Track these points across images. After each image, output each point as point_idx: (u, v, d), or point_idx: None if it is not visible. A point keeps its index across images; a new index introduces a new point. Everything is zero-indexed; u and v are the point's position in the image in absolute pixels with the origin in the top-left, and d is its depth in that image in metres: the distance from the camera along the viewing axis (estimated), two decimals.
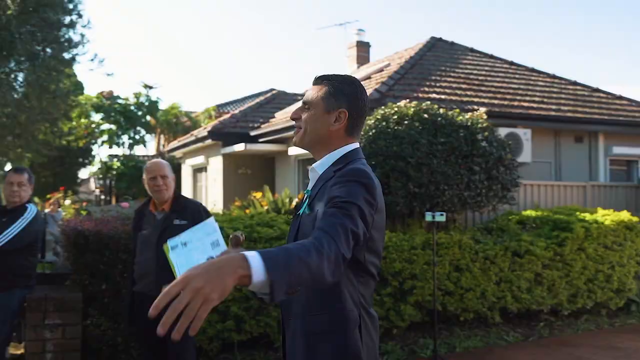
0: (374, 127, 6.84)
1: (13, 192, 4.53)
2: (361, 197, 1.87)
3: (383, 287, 6.14)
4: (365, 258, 1.97)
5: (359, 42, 17.09)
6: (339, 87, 2.10)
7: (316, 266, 1.61)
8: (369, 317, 2.02)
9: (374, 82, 11.18)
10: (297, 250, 1.61)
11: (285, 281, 1.52)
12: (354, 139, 2.13)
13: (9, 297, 4.44)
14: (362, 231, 1.83)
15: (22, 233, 4.39)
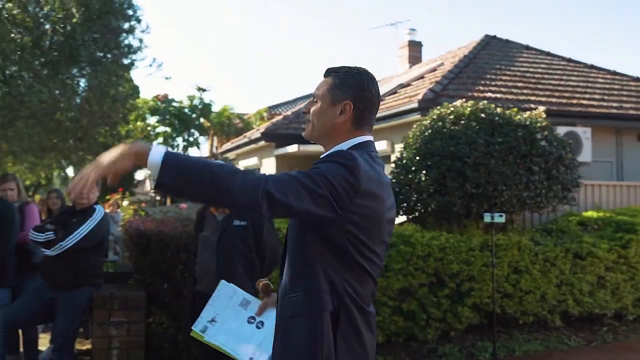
0: (430, 127, 6.79)
1: (82, 194, 4.70)
2: (336, 173, 1.84)
3: (440, 289, 6.08)
4: (349, 246, 1.90)
5: (411, 42, 16.96)
6: (345, 79, 2.07)
7: (224, 177, 1.71)
8: (358, 310, 1.95)
9: (428, 82, 11.08)
10: (215, 163, 1.77)
11: (176, 169, 1.70)
12: (363, 132, 2.08)
13: (78, 295, 4.61)
14: (328, 194, 1.80)
15: (90, 233, 4.55)
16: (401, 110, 9.76)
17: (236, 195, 1.73)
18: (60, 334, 4.59)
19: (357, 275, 1.96)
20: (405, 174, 6.88)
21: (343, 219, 1.87)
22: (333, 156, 1.92)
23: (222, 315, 2.74)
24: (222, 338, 2.67)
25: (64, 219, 4.78)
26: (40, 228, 4.73)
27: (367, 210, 1.91)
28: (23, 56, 5.68)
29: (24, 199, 5.69)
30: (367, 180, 1.89)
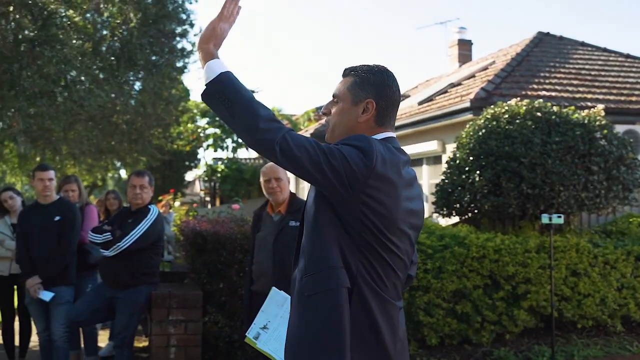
0: (484, 127, 6.68)
1: (136, 194, 4.82)
2: (351, 152, 1.86)
3: (495, 291, 5.98)
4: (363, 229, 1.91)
5: (461, 41, 16.72)
6: (366, 77, 2.08)
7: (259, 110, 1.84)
8: (373, 294, 1.93)
9: (479, 81, 10.91)
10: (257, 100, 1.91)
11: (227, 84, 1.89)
12: (385, 129, 2.10)
13: (136, 293, 4.72)
14: (341, 167, 1.83)
15: (146, 233, 4.66)
16: (452, 110, 9.63)
17: (259, 130, 1.82)
18: (120, 331, 4.72)
19: (373, 260, 1.94)
20: (458, 174, 6.80)
21: (356, 199, 1.87)
22: (349, 139, 1.95)
23: (273, 323, 2.77)
24: (274, 346, 2.70)
25: (120, 219, 4.90)
26: (98, 229, 4.86)
27: (381, 195, 1.90)
28: (83, 61, 5.86)
29: (84, 200, 5.86)
30: (382, 164, 1.89)
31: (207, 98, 1.93)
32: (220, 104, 1.89)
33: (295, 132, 1.88)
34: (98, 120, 8.08)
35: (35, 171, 5.06)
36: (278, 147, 1.80)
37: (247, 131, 1.85)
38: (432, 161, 11.46)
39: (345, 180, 1.84)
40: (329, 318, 1.88)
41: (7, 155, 9.96)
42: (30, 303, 5.01)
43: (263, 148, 1.85)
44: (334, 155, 1.84)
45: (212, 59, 1.95)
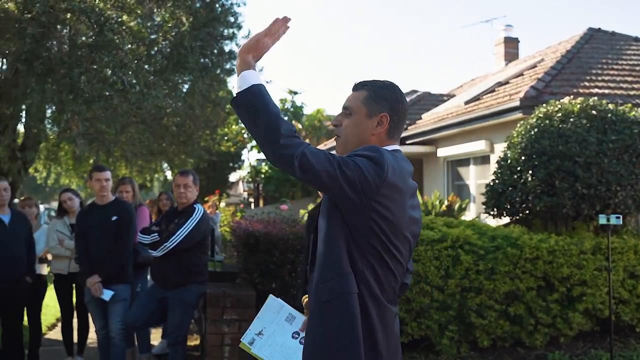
0: (536, 126, 6.56)
1: (180, 193, 4.90)
2: (365, 162, 1.96)
3: (549, 293, 5.87)
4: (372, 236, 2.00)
5: (507, 38, 16.45)
6: (380, 92, 2.19)
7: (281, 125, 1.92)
8: (372, 299, 2.02)
9: (528, 79, 10.73)
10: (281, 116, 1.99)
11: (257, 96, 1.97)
12: (394, 142, 2.21)
13: (186, 292, 4.79)
14: (356, 176, 1.92)
15: (192, 233, 4.72)
16: (501, 109, 9.49)
17: (280, 145, 1.91)
18: (173, 330, 4.80)
19: (377, 265, 2.03)
20: (509, 174, 6.69)
21: (368, 207, 1.97)
22: (361, 150, 2.04)
23: (268, 329, 2.82)
24: (268, 351, 2.76)
25: (167, 220, 4.98)
26: (146, 230, 4.96)
27: (391, 203, 2.00)
28: (139, 65, 6.00)
29: (137, 201, 6.00)
30: (392, 173, 1.99)
31: (236, 106, 2.01)
32: (247, 114, 1.98)
33: (314, 147, 1.96)
34: (149, 122, 8.24)
35: (92, 172, 5.20)
36: (297, 161, 1.89)
37: (268, 145, 1.94)
38: (479, 161, 11.32)
39: (360, 189, 1.94)
40: (344, 323, 1.99)
41: (62, 157, 10.27)
42: (89, 302, 5.15)
43: (283, 162, 1.94)
44: (349, 166, 1.93)
45: (248, 70, 2.04)
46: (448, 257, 5.62)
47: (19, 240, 5.32)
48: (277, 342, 2.78)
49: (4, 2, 5.42)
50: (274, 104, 1.99)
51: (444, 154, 12.09)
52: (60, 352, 6.18)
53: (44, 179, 12.09)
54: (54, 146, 9.63)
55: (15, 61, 5.78)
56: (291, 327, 2.78)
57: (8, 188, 5.35)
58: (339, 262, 2.02)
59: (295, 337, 2.71)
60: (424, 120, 13.47)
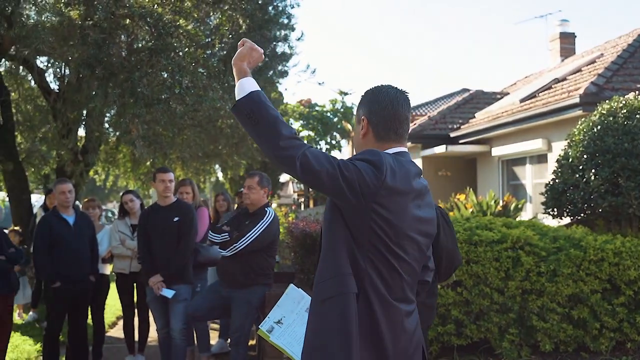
0: (599, 123, 6.35)
1: (244, 194, 4.95)
2: (364, 165, 2.00)
3: (615, 296, 5.66)
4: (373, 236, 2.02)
5: (563, 34, 16.02)
6: (362, 98, 2.26)
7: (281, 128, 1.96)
8: (378, 298, 2.04)
9: (587, 75, 10.42)
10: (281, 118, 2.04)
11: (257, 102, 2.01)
12: (389, 144, 2.20)
13: (251, 293, 4.83)
14: (355, 178, 1.95)
15: (261, 235, 4.75)
16: (560, 107, 9.25)
17: (281, 147, 1.95)
18: (235, 330, 4.84)
19: (380, 265, 2.06)
20: (571, 173, 6.51)
21: (368, 209, 2.00)
22: (362, 154, 2.09)
23: (288, 318, 2.80)
24: (287, 340, 2.73)
25: (238, 221, 5.03)
26: (218, 229, 5.02)
27: (390, 204, 2.02)
28: (196, 68, 6.10)
29: (197, 202, 6.09)
30: (392, 176, 2.02)
31: (237, 113, 2.06)
32: (247, 120, 2.03)
33: (315, 149, 2.02)
34: (205, 125, 8.37)
35: (156, 173, 5.31)
36: (299, 162, 1.94)
37: (270, 147, 1.98)
38: (535, 160, 11.06)
39: (359, 191, 1.97)
40: (338, 322, 2.02)
41: (120, 160, 10.55)
42: (151, 301, 5.25)
43: (284, 163, 1.98)
44: (348, 168, 1.98)
45: (245, 77, 2.10)
46: (508, 259, 5.49)
47: (83, 240, 5.48)
48: (297, 332, 2.75)
49: (67, 10, 5.59)
50: (273, 108, 2.05)
51: (498, 153, 11.86)
52: (122, 350, 6.33)
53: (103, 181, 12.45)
54: (113, 149, 9.90)
55: (79, 67, 5.95)
56: None
57: (72, 190, 5.51)
58: (338, 262, 2.06)
59: None
60: (477, 119, 13.25)
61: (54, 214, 5.43)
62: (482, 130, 12.00)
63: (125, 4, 5.84)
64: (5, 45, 6.72)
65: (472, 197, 9.65)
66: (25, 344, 6.64)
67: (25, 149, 9.14)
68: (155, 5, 5.95)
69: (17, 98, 8.84)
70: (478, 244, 5.48)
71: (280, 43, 8.51)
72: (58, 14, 5.78)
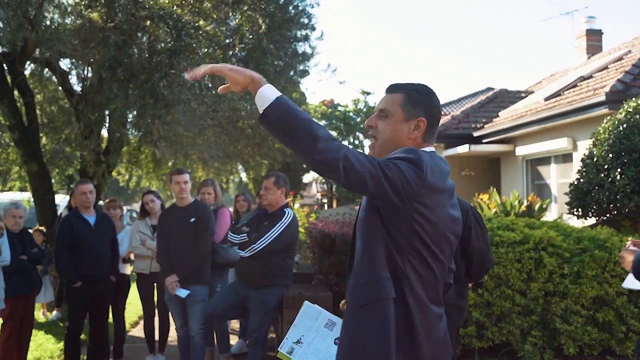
0: (625, 121, 6.21)
1: (261, 195, 4.93)
2: (405, 164, 1.93)
3: None
4: (413, 236, 1.97)
5: (589, 31, 15.74)
6: (417, 97, 2.16)
7: (318, 130, 1.87)
8: (416, 301, 1.99)
9: (614, 72, 10.21)
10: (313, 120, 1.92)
11: (285, 108, 1.90)
12: (429, 144, 2.17)
13: (269, 294, 4.82)
14: (397, 178, 1.89)
15: (280, 236, 4.74)
16: (585, 105, 9.08)
17: (320, 150, 1.85)
18: (253, 330, 4.83)
19: (419, 267, 2.01)
20: (596, 172, 6.37)
21: (410, 208, 1.94)
22: (399, 152, 2.02)
23: (307, 337, 2.69)
24: (309, 359, 2.64)
25: (257, 221, 5.02)
26: (237, 230, 5.02)
27: (432, 203, 1.98)
28: None
29: (219, 203, 6.10)
30: (432, 173, 1.96)
31: (266, 123, 1.95)
32: (279, 128, 1.93)
33: (353, 149, 1.93)
34: (225, 125, 8.39)
35: (172, 175, 5.33)
36: (341, 165, 1.86)
37: (308, 152, 1.88)
38: (560, 159, 10.88)
39: (402, 190, 1.91)
40: (376, 329, 1.98)
41: (143, 160, 10.64)
42: (169, 300, 5.27)
43: (326, 168, 1.89)
44: (390, 168, 1.91)
45: (263, 86, 1.98)
46: (530, 260, 5.40)
47: (104, 240, 5.53)
48: (319, 349, 2.66)
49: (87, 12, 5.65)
50: (302, 111, 1.96)
51: (522, 152, 11.70)
52: (143, 349, 6.37)
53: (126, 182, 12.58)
54: (135, 150, 9.98)
55: (100, 68, 6.01)
56: (332, 334, 2.65)
57: (93, 191, 5.55)
58: (376, 266, 2.01)
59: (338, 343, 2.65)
60: (501, 118, 13.09)
61: (75, 215, 5.49)
62: (506, 130, 11.85)
63: (145, 6, 5.88)
64: (29, 47, 6.82)
65: (496, 197, 9.52)
66: (49, 342, 6.72)
67: (50, 150, 9.27)
68: (174, 6, 5.98)
69: (42, 100, 8.97)
70: (500, 244, 5.40)
71: (300, 43, 8.48)
72: (79, 16, 5.84)
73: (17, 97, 7.90)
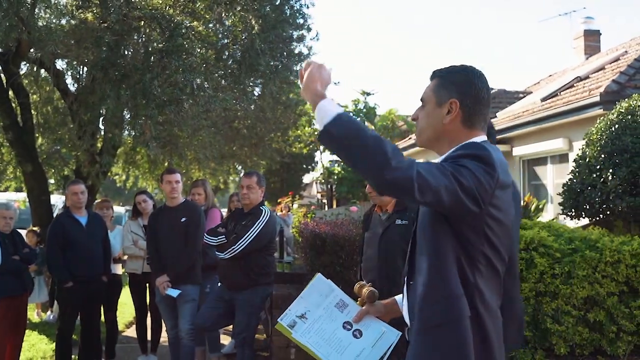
0: (617, 122, 6.21)
1: (243, 194, 4.92)
2: (476, 166, 1.77)
3: (633, 299, 5.52)
4: (483, 242, 1.83)
5: (587, 31, 15.73)
6: (448, 77, 1.99)
7: (387, 147, 1.70)
8: (488, 313, 1.85)
9: (610, 73, 10.20)
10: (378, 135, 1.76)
11: (348, 124, 1.76)
12: (477, 131, 1.97)
13: (253, 294, 4.82)
14: (473, 186, 1.73)
15: (259, 235, 4.74)
16: (580, 105, 9.07)
17: (393, 168, 1.69)
18: (240, 331, 4.83)
19: (489, 276, 1.89)
20: (588, 173, 6.37)
21: (483, 214, 1.80)
22: (464, 149, 1.86)
23: (313, 313, 2.39)
24: (314, 339, 2.35)
25: (233, 221, 5.01)
26: (213, 232, 5.01)
27: (503, 203, 1.84)
28: (207, 69, 6.13)
29: (209, 203, 6.10)
30: (502, 170, 1.83)
31: (327, 140, 1.80)
32: (343, 145, 1.78)
33: (422, 162, 1.77)
34: (220, 126, 8.40)
35: (163, 174, 5.34)
36: (416, 184, 1.69)
37: (378, 171, 1.70)
38: (557, 160, 10.87)
39: (478, 197, 1.76)
40: (454, 352, 1.82)
41: (139, 161, 10.66)
42: (160, 302, 5.28)
43: (399, 187, 1.71)
44: (463, 175, 1.75)
45: (323, 100, 1.85)
46: (521, 260, 5.39)
47: (96, 240, 5.55)
48: (325, 329, 2.37)
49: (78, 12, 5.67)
50: (367, 127, 1.80)
51: (519, 152, 11.69)
52: (136, 349, 6.39)
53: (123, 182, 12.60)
54: (131, 150, 10.00)
55: (92, 69, 6.03)
56: (342, 316, 2.37)
57: (85, 191, 5.57)
58: (449, 282, 1.85)
59: (348, 328, 2.35)
60: (498, 119, 13.08)
61: (66, 215, 5.51)
62: (503, 130, 11.83)
63: (137, 6, 5.89)
64: (23, 48, 6.83)
65: None
66: (42, 343, 6.74)
67: (46, 150, 9.29)
68: (167, 7, 5.99)
69: (37, 100, 8.99)
70: None
71: (296, 43, 8.49)
72: (72, 17, 5.86)
73: (12, 98, 7.92)
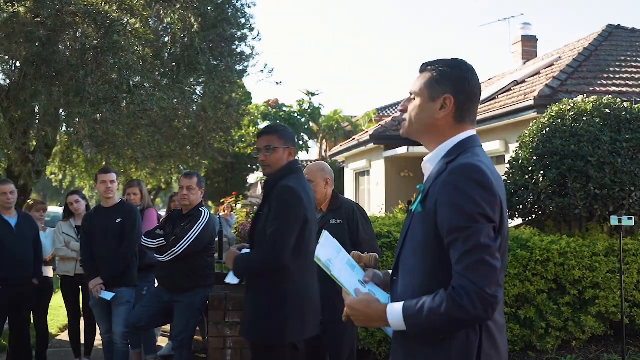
0: (548, 125, 6.43)
1: (183, 195, 4.84)
2: (479, 200, 1.76)
3: (561, 296, 5.74)
4: None
5: (525, 37, 16.24)
6: (443, 72, 1.96)
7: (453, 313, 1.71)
8: (492, 322, 1.83)
9: (544, 78, 10.57)
10: (436, 305, 1.74)
11: (414, 320, 1.79)
12: (466, 126, 1.96)
13: (193, 296, 4.75)
14: (498, 246, 1.76)
15: (199, 237, 4.68)
16: (516, 109, 9.36)
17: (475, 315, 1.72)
18: (178, 333, 4.76)
19: None
20: (521, 174, 6.57)
21: None
22: (458, 173, 1.82)
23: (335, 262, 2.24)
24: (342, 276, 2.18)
25: (172, 223, 4.94)
26: (151, 234, 4.93)
27: (503, 218, 1.84)
28: (145, 67, 6.01)
29: (145, 204, 5.99)
30: (497, 185, 1.83)
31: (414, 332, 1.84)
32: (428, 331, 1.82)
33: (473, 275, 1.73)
34: (160, 125, 8.26)
35: (97, 174, 5.21)
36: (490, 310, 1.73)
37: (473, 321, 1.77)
38: (494, 161, 11.17)
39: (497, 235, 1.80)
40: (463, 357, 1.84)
41: (76, 160, 10.35)
42: (94, 305, 5.15)
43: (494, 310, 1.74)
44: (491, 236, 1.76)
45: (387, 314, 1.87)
46: None
47: (26, 242, 5.36)
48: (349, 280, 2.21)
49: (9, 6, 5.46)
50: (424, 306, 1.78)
51: None
52: (69, 354, 6.21)
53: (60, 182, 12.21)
54: (68, 149, 9.71)
55: (24, 64, 5.82)
56: (354, 274, 2.26)
57: (14, 191, 5.38)
58: None
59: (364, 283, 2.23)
60: None
61: None
62: None
63: (71, 2, 5.73)
64: None
65: None
66: None
67: None
68: (103, 2, 5.85)
69: None
70: None
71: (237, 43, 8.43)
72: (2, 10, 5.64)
73: None
